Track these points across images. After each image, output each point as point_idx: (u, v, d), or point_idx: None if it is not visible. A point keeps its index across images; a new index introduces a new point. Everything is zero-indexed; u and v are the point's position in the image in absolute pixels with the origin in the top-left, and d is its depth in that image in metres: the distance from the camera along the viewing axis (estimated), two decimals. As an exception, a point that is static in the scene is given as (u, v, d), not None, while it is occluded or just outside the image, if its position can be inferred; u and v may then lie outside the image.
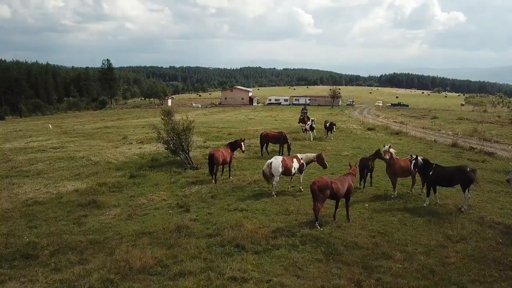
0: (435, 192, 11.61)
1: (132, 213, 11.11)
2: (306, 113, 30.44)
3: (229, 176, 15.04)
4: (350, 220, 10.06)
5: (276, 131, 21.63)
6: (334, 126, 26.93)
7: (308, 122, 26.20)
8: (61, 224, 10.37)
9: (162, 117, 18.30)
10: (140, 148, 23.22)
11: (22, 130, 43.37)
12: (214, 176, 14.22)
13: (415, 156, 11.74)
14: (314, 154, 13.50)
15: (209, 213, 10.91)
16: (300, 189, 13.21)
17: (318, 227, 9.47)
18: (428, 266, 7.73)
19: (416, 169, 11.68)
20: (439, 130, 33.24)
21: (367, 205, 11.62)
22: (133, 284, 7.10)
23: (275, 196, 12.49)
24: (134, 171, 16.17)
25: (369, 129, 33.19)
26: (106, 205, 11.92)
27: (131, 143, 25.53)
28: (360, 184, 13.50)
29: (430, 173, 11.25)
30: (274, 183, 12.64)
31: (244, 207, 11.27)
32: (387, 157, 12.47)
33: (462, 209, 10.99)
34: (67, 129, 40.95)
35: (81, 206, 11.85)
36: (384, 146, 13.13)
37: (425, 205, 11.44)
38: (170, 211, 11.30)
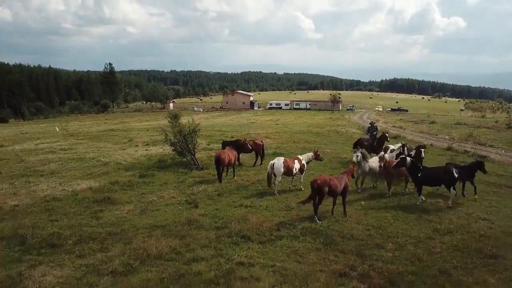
0: (420, 192, 12.45)
1: (144, 208, 11.97)
2: (376, 132, 20.56)
3: (234, 176, 15.88)
4: (347, 216, 10.89)
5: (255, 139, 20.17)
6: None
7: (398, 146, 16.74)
8: (80, 218, 11.22)
9: (169, 120, 19.15)
10: (146, 150, 24.09)
11: (28, 132, 44.24)
12: (219, 176, 15.05)
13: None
14: (312, 153, 14.40)
15: (217, 209, 11.75)
16: (301, 188, 14.04)
17: (317, 221, 10.31)
18: (416, 255, 8.56)
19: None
20: (436, 135, 34.10)
21: (363, 202, 12.45)
22: (151, 268, 7.94)
23: (277, 194, 13.32)
24: (143, 171, 17.00)
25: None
26: (120, 201, 12.78)
27: (137, 145, 26.40)
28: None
29: (419, 174, 12.09)
30: (276, 182, 13.50)
31: (249, 204, 12.12)
32: (382, 164, 13.40)
33: (449, 204, 11.89)
34: (73, 131, 41.87)
35: (96, 202, 12.70)
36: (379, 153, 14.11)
37: (418, 203, 12.28)
38: (179, 207, 12.15)
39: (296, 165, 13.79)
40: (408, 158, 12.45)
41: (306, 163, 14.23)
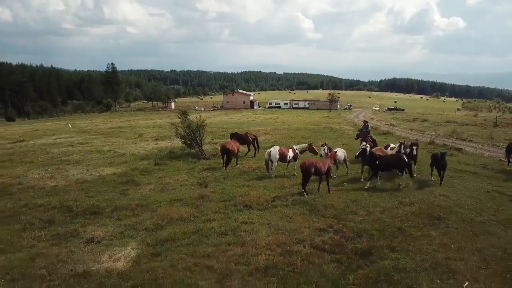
0: (377, 176, 14.66)
1: (163, 188, 14.38)
2: (369, 132, 23.38)
3: (236, 164, 18.28)
4: (330, 192, 13.30)
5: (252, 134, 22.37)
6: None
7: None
8: (111, 194, 13.61)
9: (179, 116, 21.57)
10: (156, 144, 26.49)
11: (40, 130, 46.60)
12: (224, 163, 17.45)
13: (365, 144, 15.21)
14: (306, 144, 16.82)
15: (223, 188, 14.14)
16: (294, 174, 16.41)
17: (305, 195, 12.73)
18: (381, 218, 10.94)
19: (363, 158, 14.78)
20: (425, 131, 36.52)
21: (345, 183, 14.87)
22: (175, 226, 10.33)
23: (273, 178, 15.72)
24: (157, 160, 19.40)
25: (361, 130, 36.36)
26: (142, 183, 15.19)
27: (147, 140, 28.80)
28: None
29: (377, 162, 14.38)
30: (272, 167, 15.91)
31: (250, 184, 14.53)
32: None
33: (402, 185, 14.30)
34: (83, 128, 44.25)
35: (122, 183, 15.09)
36: (361, 143, 16.54)
37: (370, 186, 14.26)
38: (192, 187, 14.54)
39: (290, 153, 16.18)
40: (367, 149, 14.78)
41: (299, 152, 16.61)
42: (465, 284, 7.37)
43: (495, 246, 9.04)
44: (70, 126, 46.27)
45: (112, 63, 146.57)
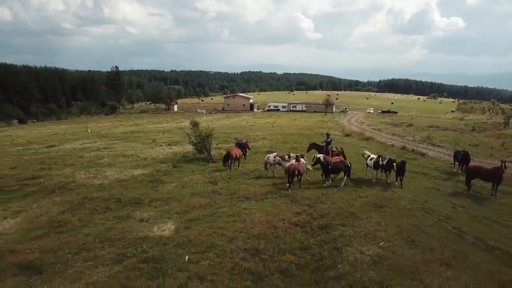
0: (329, 177, 19.07)
1: (184, 185, 19.00)
2: (329, 143, 25.64)
3: (238, 167, 22.90)
4: (306, 187, 17.94)
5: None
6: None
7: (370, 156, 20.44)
8: (145, 190, 18.22)
9: (191, 127, 26.26)
10: (170, 149, 31.12)
11: (58, 133, 51.12)
12: (229, 166, 22.08)
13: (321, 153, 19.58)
14: (299, 155, 21.31)
15: (229, 185, 18.76)
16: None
17: (289, 190, 17.37)
18: (341, 206, 15.50)
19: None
20: (404, 137, 41.07)
21: (321, 182, 19.48)
22: (197, 211, 14.95)
23: (268, 177, 20.33)
24: (174, 163, 24.02)
25: (346, 135, 41.12)
26: (166, 181, 19.81)
27: (161, 145, 33.42)
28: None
29: (329, 167, 18.89)
30: (271, 168, 20.59)
31: (249, 182, 19.15)
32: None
33: (346, 183, 18.78)
34: (98, 132, 48.84)
35: (151, 182, 19.71)
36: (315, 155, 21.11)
37: (325, 185, 18.69)
38: (205, 184, 19.15)
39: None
40: (321, 158, 19.24)
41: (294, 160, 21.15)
42: (381, 243, 12.00)
43: (411, 224, 13.66)
44: (89, 131, 50.90)
45: (116, 66, 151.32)
